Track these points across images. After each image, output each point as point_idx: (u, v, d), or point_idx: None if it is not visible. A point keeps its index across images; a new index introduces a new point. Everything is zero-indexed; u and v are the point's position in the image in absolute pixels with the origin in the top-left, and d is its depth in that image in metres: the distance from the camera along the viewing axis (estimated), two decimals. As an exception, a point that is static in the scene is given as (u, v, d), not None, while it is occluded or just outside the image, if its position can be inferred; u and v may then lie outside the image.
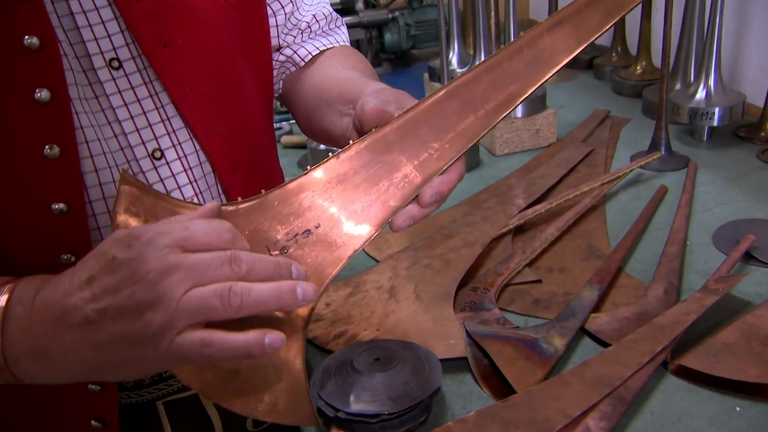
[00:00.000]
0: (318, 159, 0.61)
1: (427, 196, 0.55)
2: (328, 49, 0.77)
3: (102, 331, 0.43)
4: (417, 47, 1.98)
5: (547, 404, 0.66)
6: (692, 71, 1.36)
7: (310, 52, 0.76)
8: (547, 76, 0.59)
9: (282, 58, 0.78)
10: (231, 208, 0.53)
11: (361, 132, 0.60)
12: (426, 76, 1.68)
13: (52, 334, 0.44)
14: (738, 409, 0.66)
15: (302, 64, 0.77)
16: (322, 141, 0.74)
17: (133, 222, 0.47)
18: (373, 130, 0.57)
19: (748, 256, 0.89)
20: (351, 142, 0.57)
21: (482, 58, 1.52)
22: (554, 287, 0.89)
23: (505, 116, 0.58)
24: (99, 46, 0.55)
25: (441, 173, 0.56)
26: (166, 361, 0.44)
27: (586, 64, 1.76)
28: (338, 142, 0.66)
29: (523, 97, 0.58)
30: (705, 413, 0.67)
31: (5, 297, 0.46)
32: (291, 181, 0.55)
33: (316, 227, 0.55)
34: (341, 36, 0.80)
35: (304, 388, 0.53)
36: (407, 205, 0.55)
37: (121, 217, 0.47)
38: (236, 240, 0.45)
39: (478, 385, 0.73)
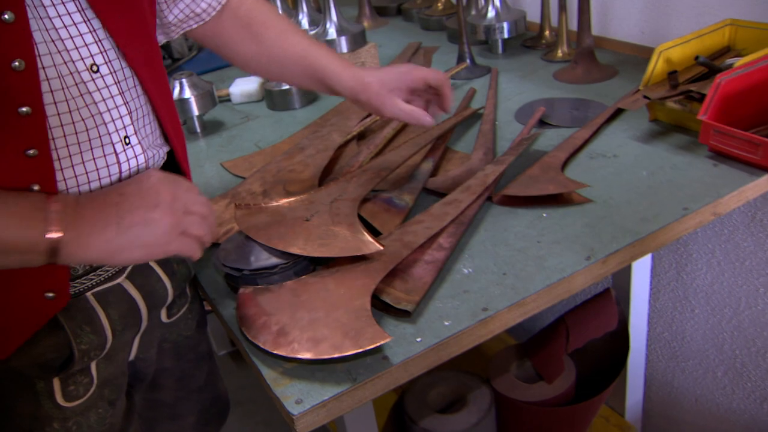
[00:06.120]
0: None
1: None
2: None
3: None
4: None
5: (409, 234, 0.84)
6: (482, -1, 1.60)
7: None
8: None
9: None
10: None
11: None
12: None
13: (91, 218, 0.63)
14: (544, 214, 0.88)
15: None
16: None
17: None
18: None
19: (541, 123, 1.13)
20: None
21: (304, 10, 1.67)
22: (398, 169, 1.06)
23: None
24: None
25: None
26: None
27: (395, 11, 1.97)
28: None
29: None
30: (522, 222, 0.88)
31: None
32: None
33: None
34: None
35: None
36: None
37: None
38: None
39: (351, 240, 0.89)
